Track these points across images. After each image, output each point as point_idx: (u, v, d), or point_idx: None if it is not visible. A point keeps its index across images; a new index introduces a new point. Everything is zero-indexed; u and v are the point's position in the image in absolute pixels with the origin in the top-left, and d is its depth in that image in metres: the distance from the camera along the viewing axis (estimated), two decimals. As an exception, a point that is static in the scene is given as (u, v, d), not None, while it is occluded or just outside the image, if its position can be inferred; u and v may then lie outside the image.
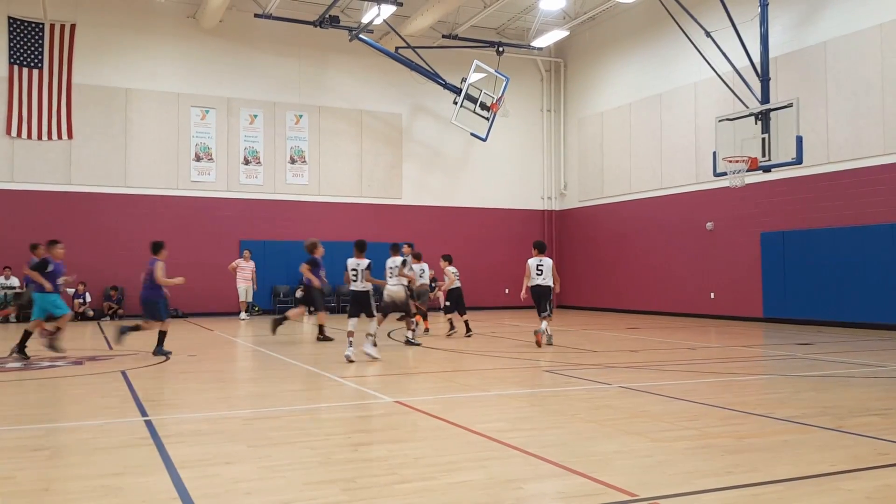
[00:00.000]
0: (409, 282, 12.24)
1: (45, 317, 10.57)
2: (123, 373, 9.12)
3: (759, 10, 16.19)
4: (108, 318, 19.84)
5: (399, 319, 13.27)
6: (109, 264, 20.32)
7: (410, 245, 14.32)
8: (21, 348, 10.44)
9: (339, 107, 23.38)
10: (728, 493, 4.11)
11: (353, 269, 10.52)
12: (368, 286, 10.50)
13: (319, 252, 13.64)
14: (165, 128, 21.34)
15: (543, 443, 5.42)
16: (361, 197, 23.55)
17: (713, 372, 9.37)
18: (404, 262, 12.18)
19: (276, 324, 13.16)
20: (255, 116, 22.35)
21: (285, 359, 10.86)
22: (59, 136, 20.11)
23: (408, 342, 12.32)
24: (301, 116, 22.88)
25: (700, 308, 19.77)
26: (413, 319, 12.53)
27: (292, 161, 22.75)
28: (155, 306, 10.87)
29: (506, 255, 24.17)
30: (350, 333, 10.24)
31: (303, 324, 17.40)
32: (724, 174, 15.85)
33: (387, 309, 12.36)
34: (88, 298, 19.92)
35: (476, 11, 21.99)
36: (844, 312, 16.09)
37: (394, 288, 11.87)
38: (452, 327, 14.29)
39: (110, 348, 12.09)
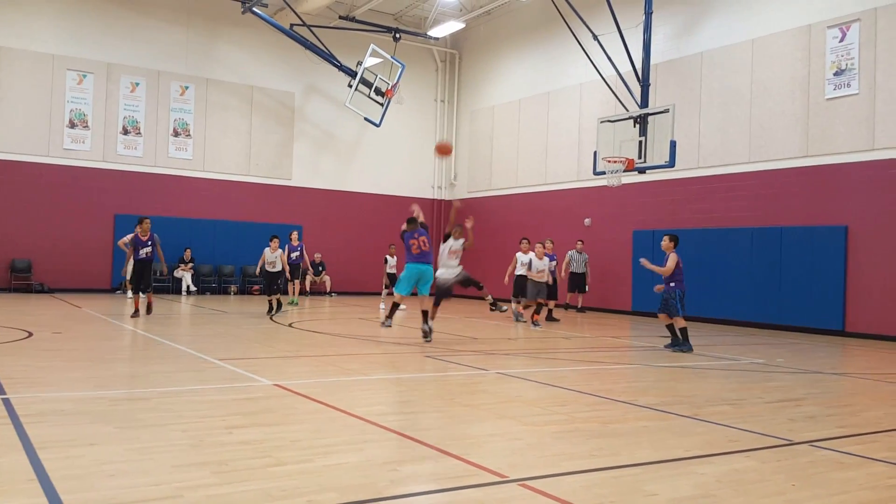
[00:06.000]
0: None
1: None
2: (-21, 349, 8.54)
3: (644, 17, 16.93)
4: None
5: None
6: (-34, 233, 18.86)
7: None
8: None
9: (229, 81, 22.60)
10: (592, 475, 4.34)
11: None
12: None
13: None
14: (37, 91, 19.91)
15: (421, 426, 5.53)
16: (249, 175, 22.91)
17: (583, 360, 9.82)
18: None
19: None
20: (137, 84, 21.24)
21: (159, 339, 10.47)
22: (-88, 91, 18.39)
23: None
24: (187, 88, 21.94)
25: (574, 300, 20.54)
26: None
27: (176, 134, 21.81)
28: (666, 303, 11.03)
29: (396, 242, 24.14)
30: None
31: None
32: (603, 173, 16.51)
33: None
34: (-60, 269, 18.41)
35: (374, -5, 21.84)
36: (707, 309, 17.17)
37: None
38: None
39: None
